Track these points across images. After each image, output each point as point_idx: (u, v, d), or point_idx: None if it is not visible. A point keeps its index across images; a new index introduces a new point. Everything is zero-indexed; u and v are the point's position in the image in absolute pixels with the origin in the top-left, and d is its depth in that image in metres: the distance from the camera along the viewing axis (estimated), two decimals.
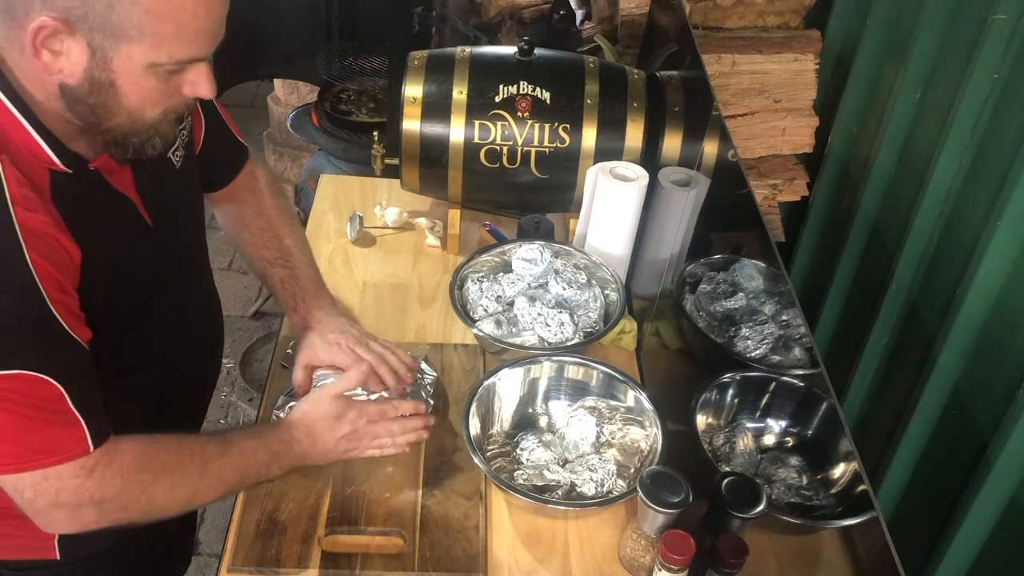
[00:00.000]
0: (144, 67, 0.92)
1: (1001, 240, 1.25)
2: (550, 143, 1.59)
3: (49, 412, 0.95)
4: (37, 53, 0.89)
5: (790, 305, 1.29)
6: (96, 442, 0.99)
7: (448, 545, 1.19)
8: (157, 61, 0.92)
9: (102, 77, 0.91)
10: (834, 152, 1.82)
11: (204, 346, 1.34)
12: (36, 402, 0.94)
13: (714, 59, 1.70)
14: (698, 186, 1.48)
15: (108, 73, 0.91)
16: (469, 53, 1.64)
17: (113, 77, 0.92)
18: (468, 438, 1.27)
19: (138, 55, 0.91)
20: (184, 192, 1.22)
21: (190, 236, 1.26)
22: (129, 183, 1.08)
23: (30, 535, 1.13)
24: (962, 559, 1.30)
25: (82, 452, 0.98)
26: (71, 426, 0.97)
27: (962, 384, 1.35)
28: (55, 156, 0.96)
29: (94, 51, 0.89)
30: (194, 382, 1.34)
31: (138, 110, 0.96)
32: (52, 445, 0.97)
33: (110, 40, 0.89)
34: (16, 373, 0.92)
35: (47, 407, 0.95)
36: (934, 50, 1.50)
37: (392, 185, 1.87)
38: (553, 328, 1.47)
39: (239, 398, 2.79)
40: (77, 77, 0.91)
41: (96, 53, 0.90)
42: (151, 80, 0.94)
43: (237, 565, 1.15)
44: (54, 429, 0.96)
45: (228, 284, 3.17)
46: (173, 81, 0.96)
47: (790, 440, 1.30)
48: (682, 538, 1.08)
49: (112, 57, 0.90)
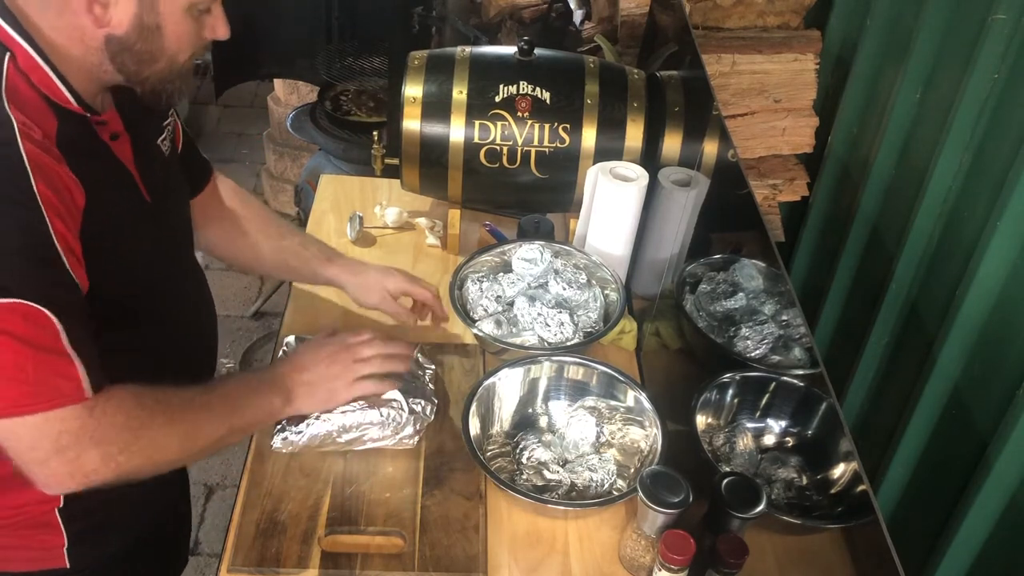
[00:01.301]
0: (185, 8, 1.00)
1: (1001, 240, 1.24)
2: (550, 143, 1.59)
3: (45, 350, 0.92)
4: (90, 7, 0.94)
5: (790, 305, 1.29)
6: (93, 386, 0.96)
7: (448, 545, 1.19)
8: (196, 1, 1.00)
9: (150, 21, 0.98)
10: (834, 152, 1.82)
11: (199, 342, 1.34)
12: (32, 336, 0.91)
13: (714, 59, 1.70)
14: (698, 186, 1.48)
15: (156, 16, 0.98)
16: (469, 53, 1.64)
17: (160, 20, 0.98)
18: (468, 438, 1.27)
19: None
20: (174, 180, 1.24)
21: (184, 225, 1.28)
22: (129, 157, 1.10)
23: (39, 545, 1.13)
24: (962, 559, 1.30)
25: (79, 397, 0.95)
26: (67, 367, 0.94)
27: (962, 384, 1.35)
28: (71, 96, 0.99)
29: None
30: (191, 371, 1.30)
31: (175, 54, 1.03)
32: (47, 387, 0.93)
33: None
34: (14, 302, 0.90)
35: (43, 343, 0.92)
36: (934, 50, 1.50)
37: (392, 185, 1.87)
38: (553, 328, 1.47)
39: None
40: (126, 25, 0.97)
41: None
42: (188, 22, 1.01)
43: (237, 565, 1.15)
44: (50, 369, 0.93)
45: (228, 284, 3.17)
46: (201, 21, 1.03)
47: (790, 440, 1.30)
48: (682, 538, 1.08)
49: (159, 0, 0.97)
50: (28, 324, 0.91)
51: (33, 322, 0.91)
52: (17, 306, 0.90)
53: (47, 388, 0.93)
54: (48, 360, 0.93)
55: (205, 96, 4.17)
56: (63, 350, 0.93)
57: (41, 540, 1.13)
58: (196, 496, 2.44)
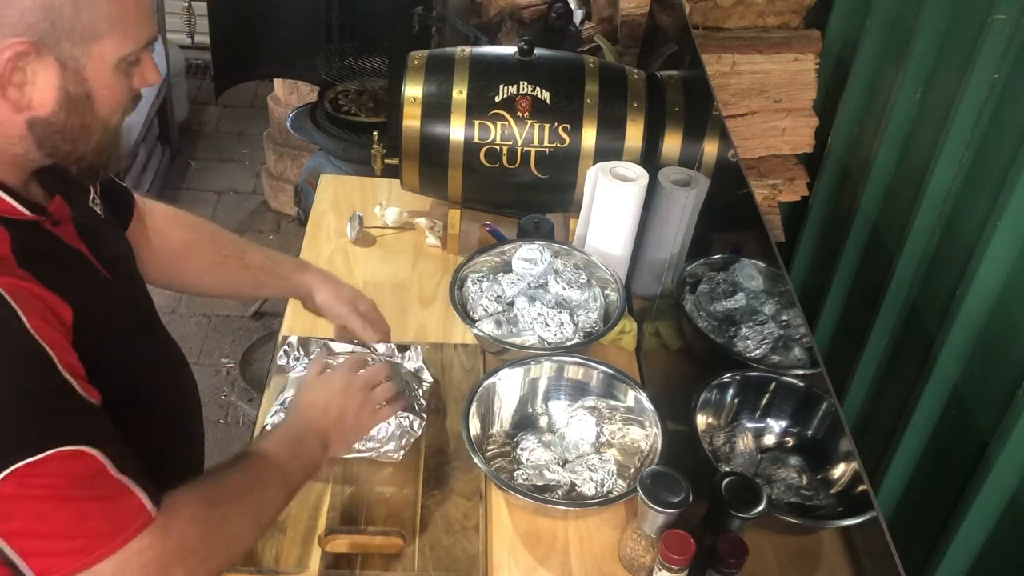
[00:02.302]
0: (114, 65, 0.88)
1: (1001, 240, 1.24)
2: (550, 143, 1.59)
3: (98, 487, 0.86)
4: (2, 91, 0.83)
5: (790, 305, 1.29)
6: (154, 502, 0.89)
7: (448, 545, 1.19)
8: (125, 53, 0.88)
9: (77, 91, 0.87)
10: (834, 152, 1.82)
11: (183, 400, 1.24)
12: (81, 480, 0.85)
13: (714, 59, 1.70)
14: (698, 186, 1.48)
15: (83, 85, 0.87)
16: (469, 53, 1.64)
17: (88, 88, 0.88)
18: (468, 438, 1.27)
19: (109, 52, 0.87)
20: (119, 240, 1.15)
21: (141, 285, 1.18)
22: (75, 238, 1.00)
23: None
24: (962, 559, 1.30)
25: (146, 519, 0.88)
26: (125, 495, 0.87)
27: (962, 384, 1.35)
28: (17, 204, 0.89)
29: (65, 65, 0.85)
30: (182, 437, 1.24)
31: (108, 119, 0.92)
32: (115, 523, 0.86)
33: (80, 45, 0.85)
34: (51, 454, 0.82)
35: (94, 482, 0.85)
36: (934, 50, 1.50)
37: (392, 185, 1.87)
38: (553, 328, 1.47)
39: (239, 398, 2.80)
40: (50, 104, 0.86)
41: (68, 66, 0.85)
42: (119, 79, 0.90)
43: (237, 565, 1.15)
44: (110, 504, 0.87)
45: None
46: (130, 75, 0.92)
47: (790, 440, 1.30)
48: (682, 538, 1.08)
49: (84, 65, 0.86)
50: (74, 471, 0.85)
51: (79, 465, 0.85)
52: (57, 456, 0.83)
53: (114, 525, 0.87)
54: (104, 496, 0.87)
55: (205, 96, 4.18)
56: (113, 480, 0.87)
57: None
58: None
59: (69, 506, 0.85)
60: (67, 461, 0.84)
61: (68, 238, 0.99)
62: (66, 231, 0.99)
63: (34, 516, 0.85)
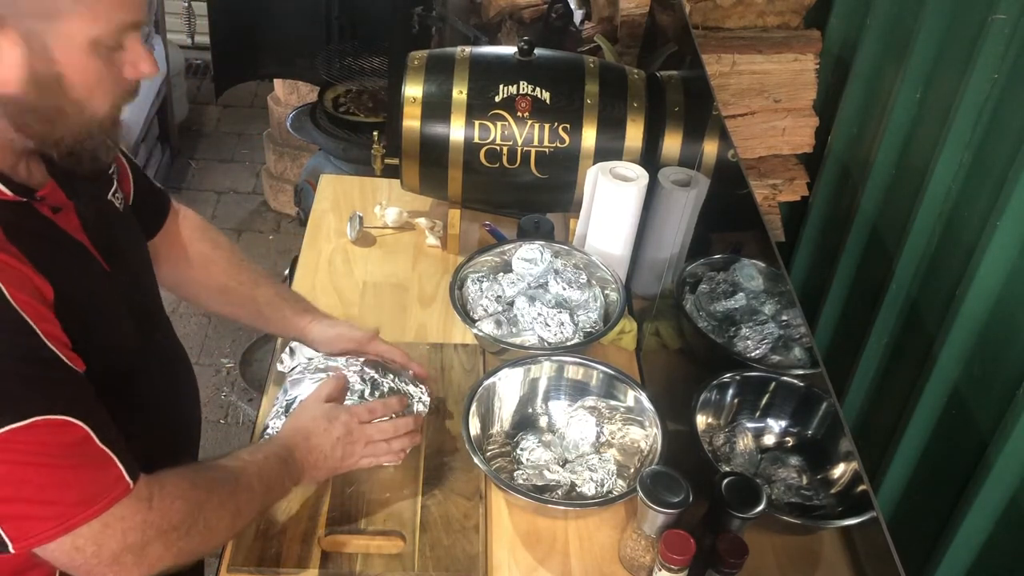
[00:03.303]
0: (86, 46, 0.86)
1: (1001, 240, 1.24)
2: (550, 143, 1.59)
3: (80, 456, 0.88)
4: None
5: (790, 305, 1.29)
6: (132, 474, 0.92)
7: (448, 545, 1.19)
8: (97, 34, 0.86)
9: (46, 71, 0.85)
10: (834, 152, 1.82)
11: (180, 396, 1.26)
12: (64, 448, 0.87)
13: (714, 59, 1.70)
14: (698, 186, 1.48)
15: (51, 64, 0.85)
16: (469, 53, 1.64)
17: (57, 68, 0.85)
18: (468, 438, 1.27)
19: (78, 32, 0.85)
20: (132, 236, 1.16)
21: (147, 281, 1.19)
22: (77, 227, 1.01)
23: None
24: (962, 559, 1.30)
25: (124, 489, 0.91)
26: (105, 464, 0.90)
27: (962, 384, 1.35)
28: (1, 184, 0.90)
29: (30, 42, 0.83)
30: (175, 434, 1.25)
31: (87, 102, 0.89)
32: (95, 490, 0.89)
33: (44, 23, 0.83)
34: (34, 421, 0.85)
35: (77, 451, 0.88)
36: (934, 50, 1.50)
37: (392, 185, 1.87)
38: (553, 328, 1.47)
39: (239, 398, 2.80)
40: (16, 82, 0.84)
41: (33, 44, 0.83)
42: (95, 62, 0.87)
43: (237, 565, 1.15)
44: (90, 472, 0.89)
45: None
46: (115, 61, 0.89)
47: (790, 440, 1.30)
48: (682, 538, 1.08)
49: (51, 44, 0.84)
50: (57, 439, 0.87)
51: (62, 434, 0.87)
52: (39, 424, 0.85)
53: (95, 491, 0.89)
54: (85, 465, 0.89)
55: (205, 96, 4.18)
56: (97, 449, 0.89)
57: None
58: None
59: (49, 472, 0.87)
60: (51, 429, 0.86)
61: (67, 226, 0.99)
62: (67, 219, 0.99)
63: (12, 480, 0.87)
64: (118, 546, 0.91)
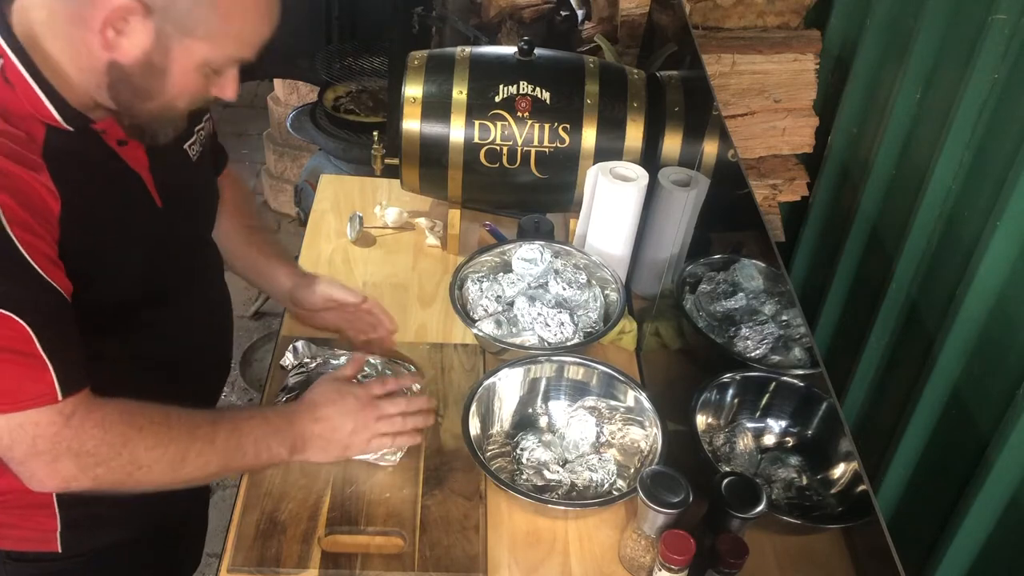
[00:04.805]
0: (198, 63, 0.98)
1: (1001, 240, 1.24)
2: (550, 143, 1.59)
3: (14, 352, 0.93)
4: (104, 28, 0.92)
5: (790, 305, 1.29)
6: (65, 389, 0.96)
7: (448, 545, 1.19)
8: (211, 60, 0.99)
9: (158, 62, 0.96)
10: (834, 152, 1.82)
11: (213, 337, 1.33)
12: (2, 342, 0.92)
13: (714, 59, 1.70)
14: (698, 186, 1.48)
15: (165, 60, 0.96)
16: (469, 53, 1.64)
17: (167, 64, 0.97)
18: (468, 438, 1.27)
19: (197, 52, 0.97)
20: (199, 185, 1.25)
21: (204, 226, 1.28)
22: (142, 163, 1.10)
23: (32, 526, 1.13)
24: (962, 559, 1.30)
25: (49, 398, 0.95)
26: (38, 369, 0.94)
27: (962, 384, 1.35)
28: (56, 112, 0.98)
29: (159, 38, 0.94)
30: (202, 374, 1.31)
31: (173, 99, 1.01)
32: (17, 388, 0.94)
33: (178, 33, 0.95)
34: None
35: (12, 347, 0.92)
36: (934, 50, 1.50)
37: (392, 185, 1.87)
38: (553, 328, 1.47)
39: (239, 398, 2.80)
40: (132, 57, 0.95)
41: (160, 40, 0.95)
42: (196, 76, 1.00)
43: (237, 565, 1.15)
44: (18, 371, 0.94)
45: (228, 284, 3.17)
46: (209, 79, 1.02)
47: (790, 440, 1.30)
48: (682, 538, 1.08)
49: (173, 47, 0.96)
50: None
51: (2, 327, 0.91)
52: None
53: (17, 390, 0.94)
54: (18, 363, 0.93)
55: None
56: (35, 353, 0.93)
57: (35, 521, 1.13)
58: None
59: None
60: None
61: (130, 158, 1.08)
62: (133, 154, 1.09)
63: None
64: (27, 449, 0.96)
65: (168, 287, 1.16)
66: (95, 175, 1.04)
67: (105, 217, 1.04)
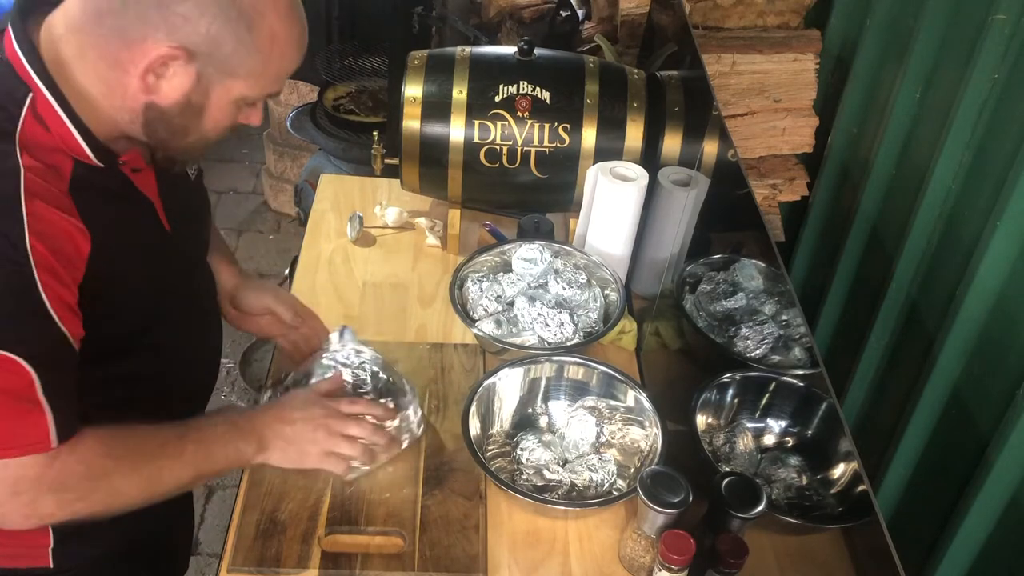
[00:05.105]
0: (235, 99, 1.01)
1: (1001, 240, 1.24)
2: (550, 143, 1.59)
3: (15, 398, 0.92)
4: (144, 74, 0.94)
5: (790, 305, 1.29)
6: (60, 436, 0.96)
7: (448, 545, 1.19)
8: (248, 96, 1.01)
9: (197, 102, 0.98)
10: (834, 152, 1.82)
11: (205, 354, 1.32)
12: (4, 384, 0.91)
13: (714, 59, 1.70)
14: (698, 186, 1.48)
15: (204, 99, 0.99)
16: (469, 53, 1.64)
17: (206, 103, 0.99)
18: (468, 438, 1.27)
19: (236, 90, 0.99)
20: (198, 205, 1.25)
21: (202, 245, 1.28)
22: (152, 188, 1.10)
23: (23, 543, 1.12)
24: (962, 559, 1.30)
25: (43, 446, 0.95)
26: (36, 416, 0.94)
27: (962, 384, 1.35)
28: (88, 148, 0.98)
29: (200, 79, 0.97)
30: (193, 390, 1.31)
31: (208, 133, 1.03)
32: (13, 435, 0.94)
33: (219, 74, 0.97)
34: None
35: (14, 392, 0.92)
36: (934, 50, 1.50)
37: (392, 185, 1.87)
38: (553, 328, 1.47)
39: (239, 398, 2.80)
40: (171, 100, 0.97)
41: (201, 82, 0.97)
42: (231, 110, 1.02)
43: (237, 565, 1.15)
44: (18, 417, 0.93)
45: None
46: (241, 110, 1.04)
47: (790, 440, 1.30)
48: (682, 538, 1.08)
49: (212, 88, 0.98)
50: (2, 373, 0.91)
51: (8, 371, 0.91)
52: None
53: (12, 435, 0.94)
54: (17, 408, 0.93)
55: None
56: (35, 399, 0.93)
57: (28, 537, 1.12)
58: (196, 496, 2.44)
59: None
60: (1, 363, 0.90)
61: (143, 186, 1.09)
62: (144, 180, 1.09)
63: None
64: (7, 490, 0.96)
65: (167, 309, 1.15)
66: (116, 207, 1.04)
67: (126, 248, 1.04)
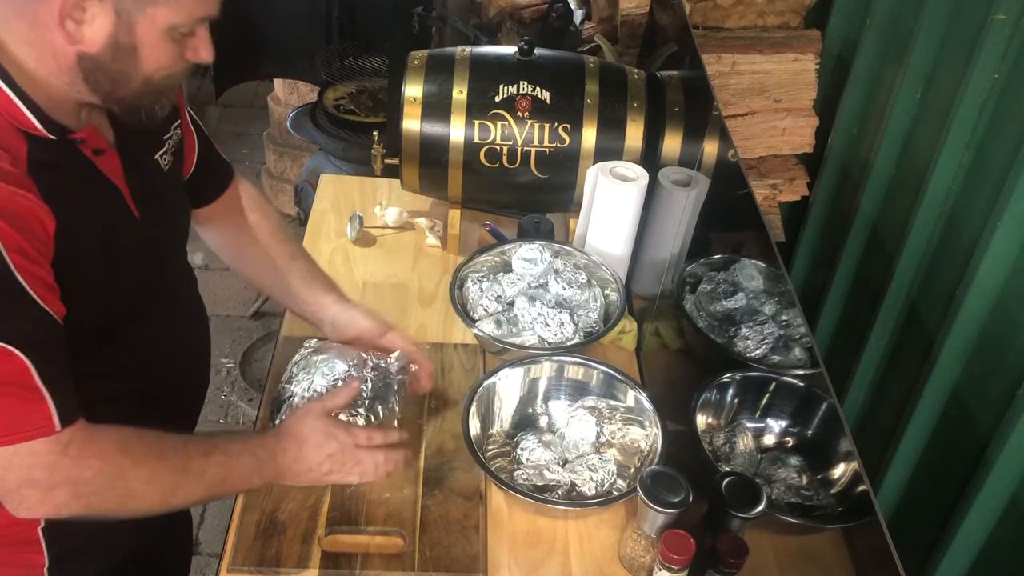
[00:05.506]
0: (164, 30, 0.96)
1: (1001, 240, 1.25)
2: (550, 143, 1.59)
3: (12, 386, 0.92)
4: (62, 22, 0.91)
5: (790, 305, 1.29)
6: (63, 420, 0.95)
7: (448, 545, 1.19)
8: (177, 23, 0.97)
9: (125, 42, 0.95)
10: (834, 152, 1.82)
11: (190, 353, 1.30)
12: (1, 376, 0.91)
13: (714, 59, 1.70)
14: (698, 186, 1.48)
15: (131, 38, 0.95)
16: (469, 53, 1.64)
17: (135, 41, 0.95)
18: (468, 438, 1.27)
19: (161, 18, 0.95)
20: (172, 194, 1.22)
21: (177, 238, 1.25)
22: (118, 172, 1.08)
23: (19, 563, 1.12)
24: (962, 559, 1.31)
25: (48, 430, 0.94)
26: (36, 402, 0.93)
27: (962, 384, 1.35)
28: (37, 121, 0.96)
29: (120, 15, 0.93)
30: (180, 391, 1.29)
31: (151, 74, 0.99)
32: (16, 421, 0.93)
33: (137, 4, 0.93)
34: None
35: (10, 380, 0.91)
36: (934, 50, 1.50)
37: (392, 185, 1.87)
38: (553, 328, 1.47)
39: (239, 398, 2.80)
40: (99, 44, 0.94)
41: (122, 17, 0.93)
42: (167, 44, 0.98)
43: (237, 565, 1.15)
44: (17, 404, 0.93)
45: (228, 284, 3.17)
46: (183, 44, 1.00)
47: (790, 440, 1.30)
48: (682, 538, 1.08)
49: (137, 21, 0.94)
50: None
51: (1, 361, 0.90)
52: None
53: (16, 422, 0.93)
54: (14, 396, 0.92)
55: (205, 96, 4.17)
56: (33, 385, 0.93)
57: (22, 558, 1.12)
58: None
59: None
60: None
61: (107, 169, 1.06)
62: (109, 164, 1.06)
63: None
64: (21, 478, 0.96)
65: (143, 302, 1.14)
66: (78, 187, 1.02)
67: (93, 230, 1.03)
